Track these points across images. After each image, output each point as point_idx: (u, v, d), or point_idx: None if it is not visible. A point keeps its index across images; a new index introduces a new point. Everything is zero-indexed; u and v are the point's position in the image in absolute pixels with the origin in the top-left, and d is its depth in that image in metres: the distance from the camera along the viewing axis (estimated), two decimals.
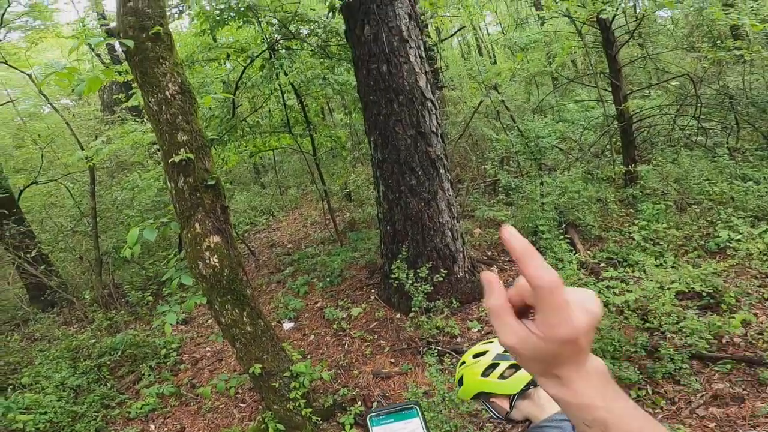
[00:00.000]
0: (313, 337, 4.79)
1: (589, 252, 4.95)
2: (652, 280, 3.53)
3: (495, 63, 11.38)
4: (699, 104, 6.24)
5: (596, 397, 0.46)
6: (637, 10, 7.95)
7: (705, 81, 7.16)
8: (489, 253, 5.47)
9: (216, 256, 2.47)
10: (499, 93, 7.42)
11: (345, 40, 4.74)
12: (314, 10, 5.19)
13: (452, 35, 10.16)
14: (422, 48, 4.48)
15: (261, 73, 5.29)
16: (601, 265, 4.58)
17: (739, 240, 4.15)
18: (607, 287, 3.66)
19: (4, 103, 14.17)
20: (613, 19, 5.97)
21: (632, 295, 3.34)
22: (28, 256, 5.82)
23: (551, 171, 6.73)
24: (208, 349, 5.21)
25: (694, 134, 6.69)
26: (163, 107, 2.64)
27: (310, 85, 5.23)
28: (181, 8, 5.10)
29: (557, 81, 10.48)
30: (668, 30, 8.96)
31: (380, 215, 4.85)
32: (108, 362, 4.84)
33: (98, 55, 12.61)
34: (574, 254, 4.54)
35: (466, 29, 11.56)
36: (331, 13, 4.62)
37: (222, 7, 4.99)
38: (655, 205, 5.06)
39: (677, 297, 3.53)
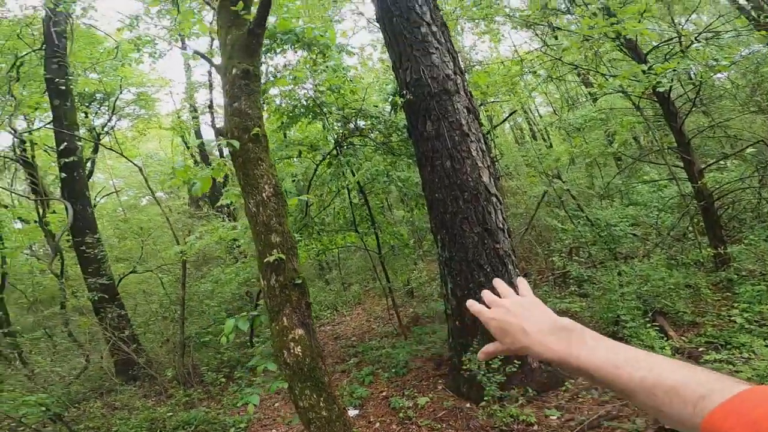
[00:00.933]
0: (378, 424, 4.66)
1: (683, 337, 4.59)
2: (764, 359, 3.25)
3: (551, 146, 11.51)
4: None
5: (572, 350, 0.63)
6: (692, 77, 7.80)
7: None
8: None
9: (299, 347, 2.64)
10: (563, 181, 7.46)
11: (407, 135, 5.15)
12: (377, 106, 5.74)
13: (504, 121, 10.50)
14: (482, 141, 4.74)
15: (329, 170, 5.82)
16: (700, 349, 4.23)
17: None
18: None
19: (109, 194, 16.32)
20: (670, 90, 5.88)
21: (743, 375, 3.17)
22: (122, 335, 6.42)
23: (628, 259, 6.39)
24: (273, 431, 5.23)
25: None
26: (260, 209, 2.94)
27: (374, 182, 5.62)
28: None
29: (621, 161, 10.20)
30: (730, 93, 8.69)
31: (448, 311, 4.86)
32: None
33: (188, 147, 14.48)
34: (666, 340, 4.28)
35: (517, 113, 12.01)
36: (392, 111, 5.11)
37: (295, 103, 5.71)
38: (754, 286, 4.66)
39: None
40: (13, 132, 10.04)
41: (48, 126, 9.66)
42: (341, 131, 5.61)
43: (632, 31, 5.45)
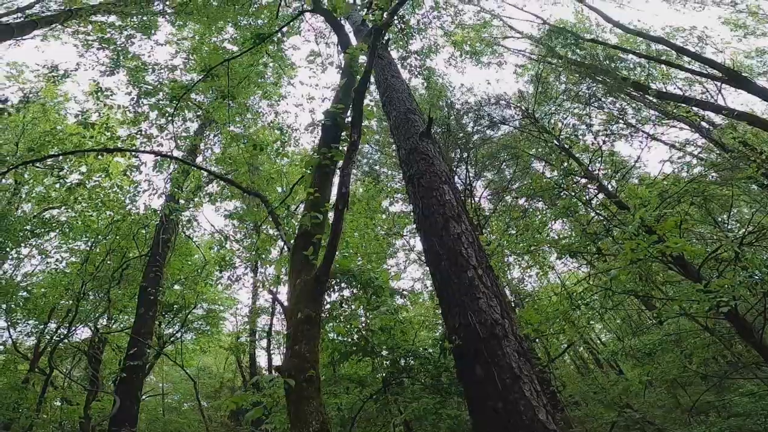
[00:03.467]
0: None
1: None
2: None
3: (621, 372, 10.57)
4: None
5: None
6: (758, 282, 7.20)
7: None
8: None
9: None
10: (634, 411, 6.71)
11: (457, 377, 5.04)
12: (427, 349, 5.85)
13: (561, 354, 10.00)
14: (536, 382, 4.51)
15: (375, 406, 5.67)
16: None
17: None
18: None
19: (155, 395, 16.26)
20: (736, 306, 5.47)
21: None
22: None
23: None
24: None
25: None
26: None
27: (423, 421, 5.35)
28: None
29: (706, 379, 9.14)
30: None
31: None
32: None
33: (241, 367, 14.68)
34: None
35: (576, 344, 11.52)
36: (441, 354, 5.14)
37: (347, 341, 5.91)
38: None
39: None
40: (94, 331, 11.03)
41: (126, 331, 10.49)
42: (389, 370, 5.66)
43: (676, 248, 5.34)
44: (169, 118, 7.36)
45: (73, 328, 9.70)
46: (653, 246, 5.54)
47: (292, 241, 4.48)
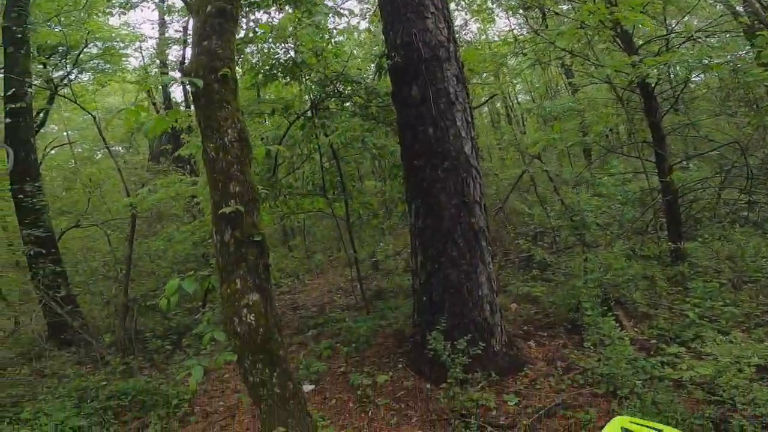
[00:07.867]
0: (334, 401, 4.47)
1: (636, 329, 4.65)
2: (725, 356, 3.22)
3: (524, 132, 11.50)
4: (749, 176, 5.94)
5: None
6: (671, 79, 7.74)
7: (749, 149, 6.84)
8: (525, 328, 5.26)
9: (253, 314, 2.33)
10: (542, 162, 7.43)
11: (390, 100, 4.79)
12: (359, 69, 5.37)
13: (483, 103, 10.17)
14: (468, 111, 4.50)
15: (302, 131, 5.45)
16: (652, 341, 4.28)
17: None
18: (662, 363, 3.51)
19: (61, 145, 15.06)
20: (655, 85, 5.92)
21: (705, 369, 3.14)
22: (57, 295, 5.86)
23: (590, 247, 6.38)
24: (221, 403, 4.92)
25: (742, 209, 6.35)
26: (220, 154, 2.63)
27: (349, 148, 5.29)
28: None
29: (590, 156, 10.29)
30: (708, 96, 8.76)
31: (416, 286, 4.68)
32: (114, 406, 4.54)
33: (154, 104, 13.50)
34: (621, 330, 4.25)
35: (496, 97, 11.81)
36: (377, 75, 4.77)
37: (272, 62, 5.23)
38: (706, 283, 4.76)
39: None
40: None
41: None
42: (319, 93, 5.17)
43: (633, 21, 5.33)
44: None
45: None
46: (611, 14, 5.14)
47: None
